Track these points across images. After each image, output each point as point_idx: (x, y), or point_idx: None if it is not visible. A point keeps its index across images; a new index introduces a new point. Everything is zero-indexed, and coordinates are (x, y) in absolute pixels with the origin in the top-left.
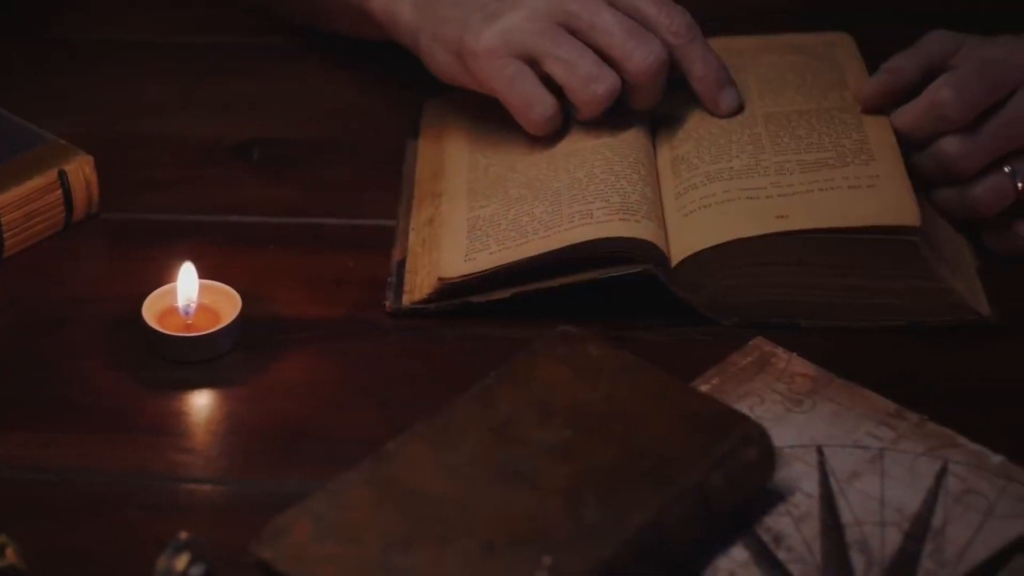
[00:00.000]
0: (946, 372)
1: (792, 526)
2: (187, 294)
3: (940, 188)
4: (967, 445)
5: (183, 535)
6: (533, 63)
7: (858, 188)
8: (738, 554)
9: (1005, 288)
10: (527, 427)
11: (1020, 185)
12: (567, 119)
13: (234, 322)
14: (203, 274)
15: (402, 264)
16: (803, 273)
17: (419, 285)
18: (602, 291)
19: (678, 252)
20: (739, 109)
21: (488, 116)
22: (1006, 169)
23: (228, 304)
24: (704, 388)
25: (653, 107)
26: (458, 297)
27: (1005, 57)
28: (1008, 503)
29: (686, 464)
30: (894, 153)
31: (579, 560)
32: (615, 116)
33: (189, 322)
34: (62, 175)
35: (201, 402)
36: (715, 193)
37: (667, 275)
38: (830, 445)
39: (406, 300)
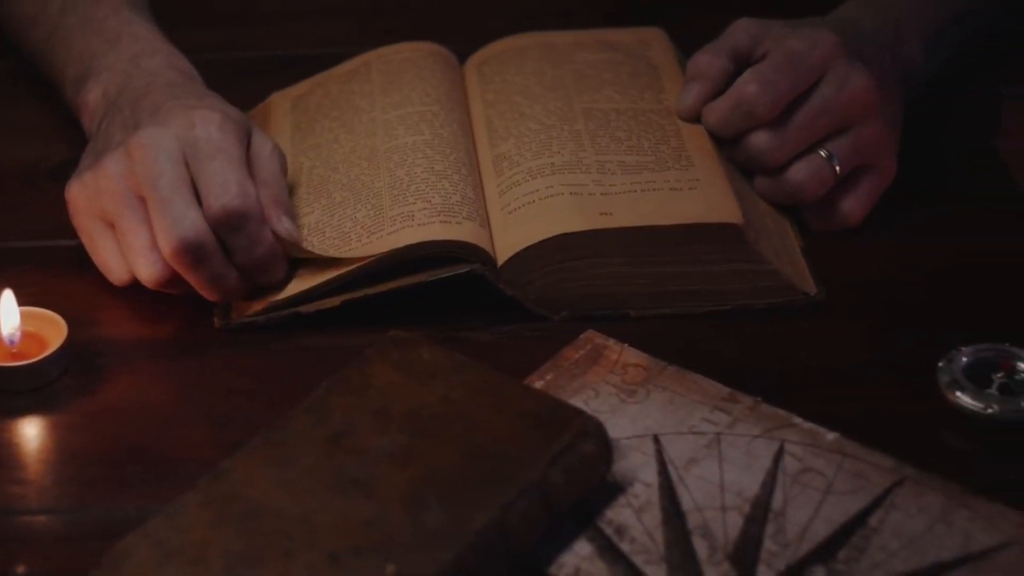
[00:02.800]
0: (777, 353)
1: (634, 517)
2: (9, 323)
3: (758, 176)
4: (802, 424)
5: (20, 569)
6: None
7: (679, 190)
8: (582, 548)
9: (831, 265)
10: (364, 435)
11: (838, 168)
12: (385, 108)
13: (61, 348)
14: (27, 301)
15: None
16: (628, 264)
17: (248, 299)
18: (432, 293)
19: (504, 250)
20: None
21: (311, 113)
22: (823, 153)
23: (54, 330)
24: (538, 384)
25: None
26: (286, 309)
27: (808, 48)
28: (845, 479)
29: (524, 462)
30: (711, 159)
31: (423, 564)
32: (435, 115)
33: (15, 351)
34: None
35: (32, 431)
36: (538, 189)
37: (494, 274)
38: (666, 433)
39: (234, 315)
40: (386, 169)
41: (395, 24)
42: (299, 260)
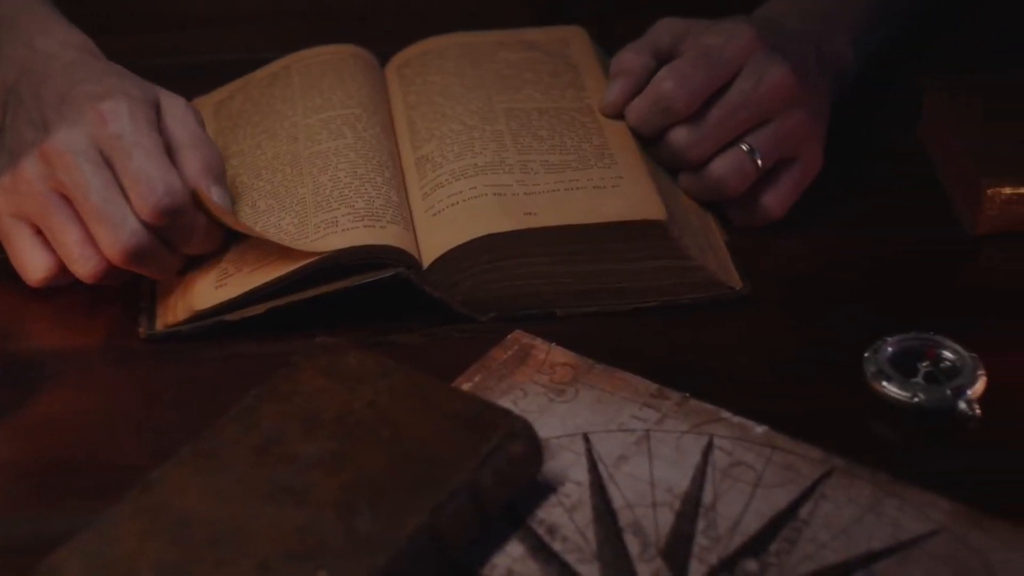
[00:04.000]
0: (705, 349)
1: (565, 516)
2: None
3: (682, 173)
4: (730, 419)
5: None
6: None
7: (603, 188)
8: (514, 549)
9: (758, 260)
10: (293, 442)
11: (760, 162)
12: (306, 112)
13: None
14: None
15: (154, 287)
16: (553, 263)
17: (172, 308)
18: (360, 297)
19: (429, 252)
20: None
21: (233, 119)
22: (744, 147)
23: None
24: (466, 386)
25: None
26: (212, 317)
27: (724, 42)
28: (775, 472)
29: (454, 465)
30: (634, 156)
31: (356, 570)
32: (357, 118)
33: None
34: None
35: None
36: (462, 191)
37: (419, 276)
38: (596, 431)
39: (160, 324)
40: (309, 175)
41: (315, 27)
42: (228, 268)
